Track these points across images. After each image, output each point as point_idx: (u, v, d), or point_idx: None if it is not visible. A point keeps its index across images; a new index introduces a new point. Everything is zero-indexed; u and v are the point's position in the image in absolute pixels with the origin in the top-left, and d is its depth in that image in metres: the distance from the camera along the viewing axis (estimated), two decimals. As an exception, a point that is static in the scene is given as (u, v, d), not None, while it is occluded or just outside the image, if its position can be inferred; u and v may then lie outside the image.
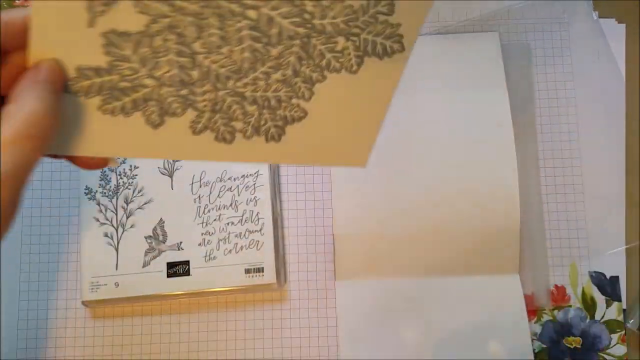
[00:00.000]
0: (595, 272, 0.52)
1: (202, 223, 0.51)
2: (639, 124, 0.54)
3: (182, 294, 0.51)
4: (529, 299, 0.51)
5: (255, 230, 0.51)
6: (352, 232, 0.52)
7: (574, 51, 0.56)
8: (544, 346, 0.51)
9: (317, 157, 0.35)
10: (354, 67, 0.33)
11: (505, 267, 0.51)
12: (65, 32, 0.30)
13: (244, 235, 0.51)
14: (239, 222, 0.51)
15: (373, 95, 0.34)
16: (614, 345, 0.51)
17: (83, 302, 0.51)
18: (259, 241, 0.51)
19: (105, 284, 0.50)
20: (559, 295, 0.52)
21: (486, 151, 0.52)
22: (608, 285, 0.52)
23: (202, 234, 0.51)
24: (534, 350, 0.51)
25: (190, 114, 0.32)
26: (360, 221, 0.52)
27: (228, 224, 0.51)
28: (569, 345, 0.51)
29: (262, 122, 0.33)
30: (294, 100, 0.33)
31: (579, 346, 0.51)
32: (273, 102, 0.33)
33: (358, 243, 0.52)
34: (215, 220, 0.51)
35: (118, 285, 0.50)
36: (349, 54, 0.32)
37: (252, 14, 0.31)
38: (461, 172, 0.52)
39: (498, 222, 0.51)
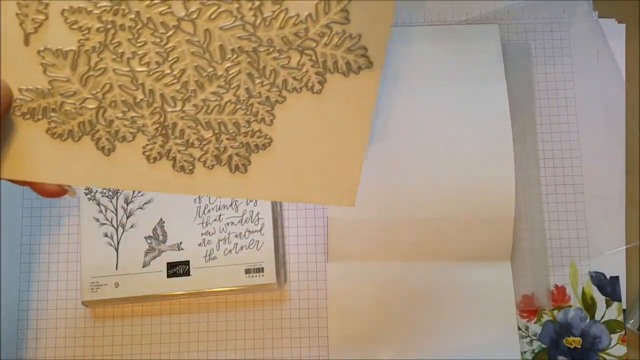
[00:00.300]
0: (595, 272, 0.52)
1: (202, 223, 0.51)
2: (639, 124, 0.54)
3: (182, 294, 0.51)
4: (529, 299, 0.51)
5: (255, 230, 0.51)
6: (345, 224, 0.52)
7: (574, 51, 0.55)
8: (544, 346, 0.51)
9: (294, 192, 0.32)
10: (316, 86, 0.30)
11: (498, 256, 0.51)
12: (5, 51, 0.29)
13: (244, 235, 0.51)
14: (239, 222, 0.51)
15: (345, 119, 0.31)
16: (614, 345, 0.51)
17: (83, 302, 0.51)
18: (259, 241, 0.51)
19: (105, 284, 0.50)
20: (559, 296, 0.52)
21: (483, 141, 0.52)
22: (608, 286, 0.52)
23: (202, 234, 0.51)
24: (533, 350, 0.51)
25: (141, 139, 0.31)
26: (355, 214, 0.52)
27: (228, 224, 0.51)
28: (569, 346, 0.51)
29: (222, 150, 0.31)
30: (254, 125, 0.31)
31: (578, 346, 0.51)
32: (230, 127, 0.31)
33: (350, 230, 0.52)
34: (215, 220, 0.51)
35: (118, 285, 0.50)
36: (307, 71, 0.30)
37: (187, 26, 0.29)
38: (457, 161, 0.52)
39: (492, 210, 0.51)
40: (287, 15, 0.29)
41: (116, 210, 0.52)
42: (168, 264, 0.51)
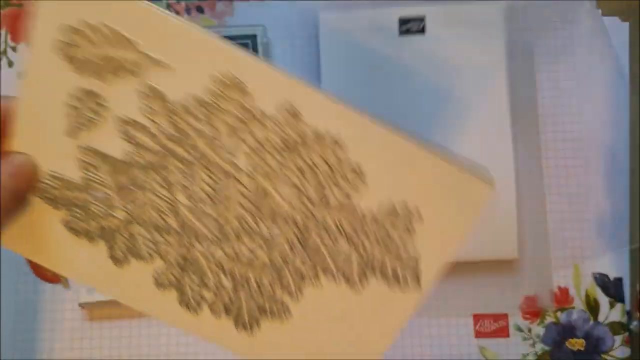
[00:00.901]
0: (598, 273, 0.52)
1: (201, 224, 0.51)
2: (643, 123, 0.54)
3: (180, 296, 0.50)
4: (532, 301, 0.51)
5: (255, 231, 0.50)
6: None
7: (577, 50, 0.55)
8: (547, 348, 0.50)
9: None
10: (356, 281, 0.29)
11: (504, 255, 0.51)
12: (43, 134, 0.28)
13: (243, 236, 0.50)
14: (238, 222, 0.51)
15: (373, 325, 0.29)
16: (617, 347, 0.50)
17: (80, 304, 0.50)
18: (258, 242, 0.50)
19: (103, 286, 0.50)
20: (562, 297, 0.51)
21: (482, 139, 0.51)
22: (611, 287, 0.51)
23: (200, 235, 0.51)
24: (536, 352, 0.50)
25: (157, 263, 0.29)
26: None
27: (227, 224, 0.51)
28: (572, 348, 0.50)
29: (234, 302, 0.29)
30: (278, 293, 0.29)
31: (582, 348, 0.50)
32: (253, 285, 0.29)
33: None
34: (214, 220, 0.51)
35: (116, 286, 0.50)
36: (351, 262, 0.28)
37: (245, 180, 0.28)
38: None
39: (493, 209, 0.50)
40: (351, 206, 0.28)
41: (114, 211, 0.51)
42: (166, 265, 0.50)
